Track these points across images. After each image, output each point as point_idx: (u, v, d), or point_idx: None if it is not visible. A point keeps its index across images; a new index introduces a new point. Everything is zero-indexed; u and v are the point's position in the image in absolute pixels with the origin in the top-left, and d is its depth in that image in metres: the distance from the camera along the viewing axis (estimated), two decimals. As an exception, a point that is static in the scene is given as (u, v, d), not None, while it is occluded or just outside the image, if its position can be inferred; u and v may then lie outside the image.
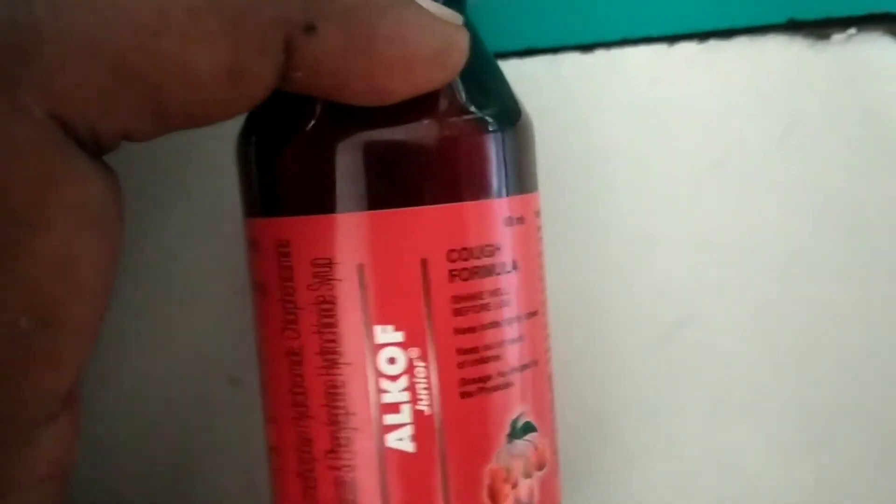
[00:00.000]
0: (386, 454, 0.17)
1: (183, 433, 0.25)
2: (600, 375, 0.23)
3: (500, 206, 0.18)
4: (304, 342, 0.18)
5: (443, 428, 0.17)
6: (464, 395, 0.17)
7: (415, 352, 0.17)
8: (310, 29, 0.14)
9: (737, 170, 0.22)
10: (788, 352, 0.22)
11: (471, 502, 0.18)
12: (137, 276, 0.25)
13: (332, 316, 0.17)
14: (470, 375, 0.17)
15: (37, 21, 0.12)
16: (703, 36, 0.22)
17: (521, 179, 0.18)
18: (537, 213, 0.19)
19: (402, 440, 0.17)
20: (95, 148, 0.14)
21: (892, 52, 0.21)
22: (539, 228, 0.19)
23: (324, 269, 0.17)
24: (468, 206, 0.17)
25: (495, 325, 0.18)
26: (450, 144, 0.17)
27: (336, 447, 0.18)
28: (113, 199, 0.14)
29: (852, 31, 0.21)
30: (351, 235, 0.17)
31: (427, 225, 0.17)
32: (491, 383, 0.18)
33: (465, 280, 0.17)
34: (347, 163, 0.17)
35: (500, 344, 0.18)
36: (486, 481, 0.18)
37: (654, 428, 0.23)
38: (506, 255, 0.18)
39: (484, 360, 0.18)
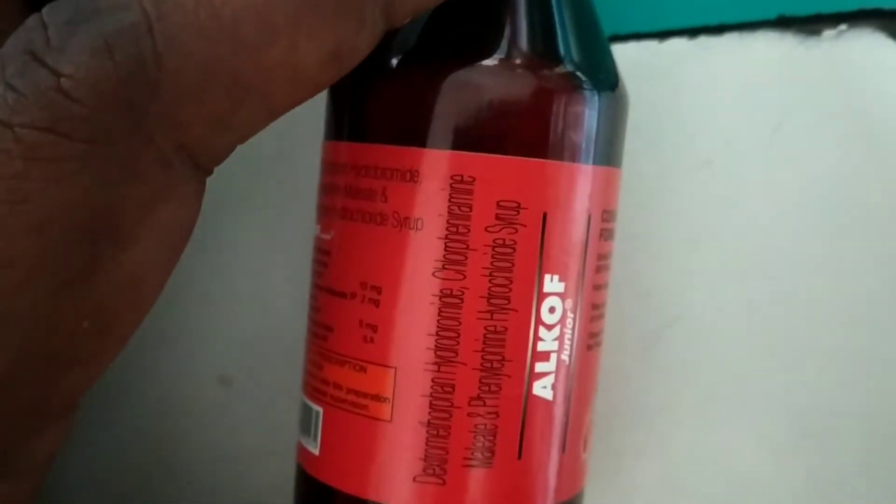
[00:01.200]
0: (530, 401, 0.18)
1: (173, 433, 0.23)
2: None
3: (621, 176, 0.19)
4: (469, 284, 0.17)
5: (573, 378, 0.18)
6: (588, 347, 0.19)
7: (569, 303, 0.18)
8: None
9: (726, 167, 0.22)
10: (778, 351, 0.22)
11: (575, 449, 0.19)
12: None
13: (508, 260, 0.17)
14: (593, 330, 0.19)
15: (157, 54, 0.13)
16: (693, 32, 0.22)
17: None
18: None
19: (545, 388, 0.18)
20: (211, 165, 0.15)
21: (883, 48, 0.21)
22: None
23: (509, 213, 0.17)
24: (616, 171, 0.19)
25: (606, 286, 0.19)
26: (623, 113, 0.19)
27: (483, 394, 0.17)
28: (191, 225, 0.15)
29: (843, 27, 0.21)
30: (540, 183, 0.17)
31: (596, 183, 0.18)
32: (598, 339, 0.19)
33: (605, 240, 0.19)
34: (566, 112, 0.17)
35: (604, 304, 0.19)
36: (584, 431, 0.19)
37: (643, 428, 0.23)
38: (616, 224, 0.19)
39: (600, 318, 0.19)
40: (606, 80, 0.18)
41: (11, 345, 0.13)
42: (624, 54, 0.21)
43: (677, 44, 0.22)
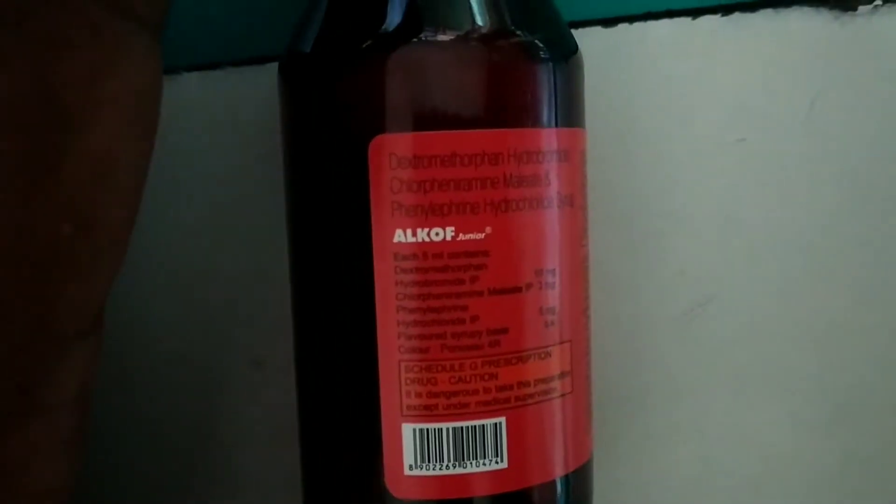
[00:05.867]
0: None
1: (206, 415, 0.24)
2: (625, 353, 0.22)
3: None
4: (587, 250, 0.19)
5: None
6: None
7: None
8: None
9: (761, 144, 0.22)
10: (814, 329, 0.22)
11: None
12: (155, 256, 0.24)
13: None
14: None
15: None
16: (726, 9, 0.21)
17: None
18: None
19: (579, 321, 0.21)
20: (151, 13, 0.14)
21: (918, 24, 0.20)
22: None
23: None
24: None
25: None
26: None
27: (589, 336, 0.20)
28: (153, 93, 0.14)
29: (878, 2, 0.21)
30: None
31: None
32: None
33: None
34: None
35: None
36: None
37: (680, 406, 0.22)
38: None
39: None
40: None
41: None
42: (657, 32, 0.22)
43: (711, 21, 0.22)
